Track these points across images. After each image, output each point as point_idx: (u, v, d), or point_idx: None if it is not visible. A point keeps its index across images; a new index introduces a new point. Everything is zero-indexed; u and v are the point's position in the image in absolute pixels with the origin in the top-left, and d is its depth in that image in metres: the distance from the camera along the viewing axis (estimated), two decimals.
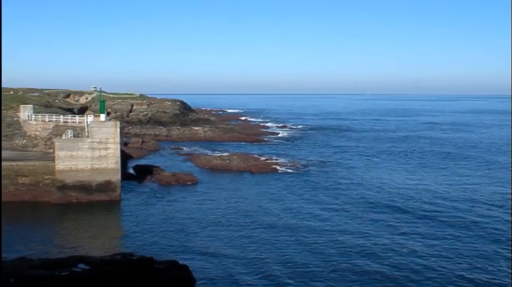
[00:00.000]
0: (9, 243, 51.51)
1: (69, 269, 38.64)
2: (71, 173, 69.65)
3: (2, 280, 34.90)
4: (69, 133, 75.46)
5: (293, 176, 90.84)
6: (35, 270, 38.04)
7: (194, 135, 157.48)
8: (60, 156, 69.81)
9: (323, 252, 49.91)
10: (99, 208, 67.00)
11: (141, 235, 55.02)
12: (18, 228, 58.15)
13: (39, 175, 70.86)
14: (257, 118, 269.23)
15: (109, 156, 70.47)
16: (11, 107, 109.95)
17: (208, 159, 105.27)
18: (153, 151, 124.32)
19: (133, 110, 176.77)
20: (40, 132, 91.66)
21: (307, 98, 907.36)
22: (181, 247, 50.89)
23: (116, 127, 71.45)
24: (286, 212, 65.58)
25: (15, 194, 69.40)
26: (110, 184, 70.16)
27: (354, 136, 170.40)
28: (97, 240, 54.76)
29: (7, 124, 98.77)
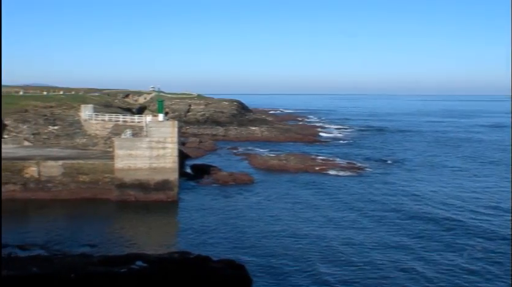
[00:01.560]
0: (69, 239, 52.71)
1: (127, 266, 39.26)
2: (130, 171, 70.65)
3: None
4: (128, 133, 76.55)
5: (350, 178, 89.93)
6: (94, 267, 38.76)
7: (251, 135, 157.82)
8: (120, 155, 70.89)
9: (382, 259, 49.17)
10: (156, 206, 67.71)
11: (197, 234, 55.35)
12: (78, 225, 59.40)
13: (99, 174, 72.16)
14: (314, 118, 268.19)
15: (167, 155, 71.16)
16: (72, 107, 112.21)
17: (265, 159, 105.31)
18: (210, 151, 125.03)
19: (190, 109, 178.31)
20: (99, 131, 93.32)
21: (365, 98, 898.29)
22: (238, 246, 50.96)
23: (174, 126, 72.11)
24: (342, 214, 65.01)
25: (75, 192, 70.94)
26: (168, 183, 70.84)
27: (413, 138, 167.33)
28: (154, 238, 55.40)
29: (68, 123, 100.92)
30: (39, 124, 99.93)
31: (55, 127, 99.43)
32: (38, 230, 57.12)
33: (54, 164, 72.76)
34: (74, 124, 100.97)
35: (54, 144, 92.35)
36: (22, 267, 38.57)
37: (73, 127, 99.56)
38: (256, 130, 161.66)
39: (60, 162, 72.92)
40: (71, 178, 71.96)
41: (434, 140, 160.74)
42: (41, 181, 71.92)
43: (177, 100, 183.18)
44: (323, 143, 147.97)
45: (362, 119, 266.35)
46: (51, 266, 39.12)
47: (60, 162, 73.08)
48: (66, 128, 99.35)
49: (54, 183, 71.83)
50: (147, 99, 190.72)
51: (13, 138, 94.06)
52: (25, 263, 40.30)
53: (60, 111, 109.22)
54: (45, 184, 71.84)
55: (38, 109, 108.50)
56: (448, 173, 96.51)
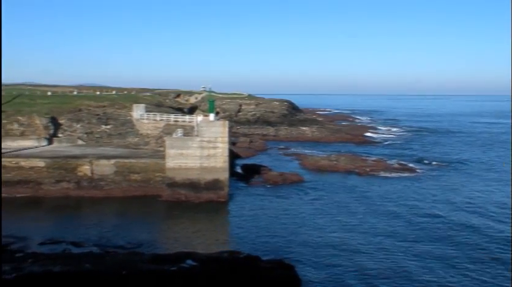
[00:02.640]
0: (121, 237, 53.35)
1: (177, 265, 39.55)
2: (181, 171, 71.14)
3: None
4: (179, 132, 77.11)
5: (401, 180, 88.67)
6: (145, 264, 39.15)
7: (301, 135, 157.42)
8: (171, 154, 71.45)
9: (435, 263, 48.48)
10: (207, 206, 68.01)
11: (247, 234, 55.42)
12: (129, 223, 60.12)
13: (150, 172, 72.95)
14: (365, 119, 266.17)
15: (217, 155, 71.43)
16: (124, 106, 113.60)
17: (315, 159, 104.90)
18: (261, 151, 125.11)
19: (241, 109, 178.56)
20: (151, 130, 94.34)
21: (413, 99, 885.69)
22: (287, 247, 50.82)
23: (224, 126, 72.36)
24: (395, 216, 64.20)
25: (127, 190, 71.91)
26: (218, 182, 71.11)
27: (467, 139, 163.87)
28: (204, 237, 55.57)
29: (120, 123, 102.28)
30: (92, 123, 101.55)
31: (108, 126, 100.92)
32: (90, 227, 58.02)
33: (107, 162, 73.84)
34: (126, 123, 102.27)
35: (106, 143, 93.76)
36: (76, 263, 39.21)
37: (125, 127, 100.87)
38: (307, 130, 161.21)
39: (112, 161, 73.96)
40: (123, 176, 72.98)
41: (489, 142, 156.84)
42: (94, 180, 73.11)
43: (228, 100, 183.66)
44: (374, 144, 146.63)
45: (413, 120, 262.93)
46: (103, 263, 39.69)
47: (112, 160, 74.13)
48: (118, 127, 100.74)
49: (107, 181, 72.93)
50: (198, 98, 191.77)
51: (67, 137, 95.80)
52: (78, 259, 40.98)
53: (112, 110, 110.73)
54: (98, 182, 72.99)
55: (92, 109, 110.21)
56: (507, 177, 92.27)
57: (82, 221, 62.24)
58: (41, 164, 74.16)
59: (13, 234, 53.17)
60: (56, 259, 41.33)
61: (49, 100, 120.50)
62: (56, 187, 72.86)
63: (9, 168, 74.03)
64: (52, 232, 54.87)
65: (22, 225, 57.98)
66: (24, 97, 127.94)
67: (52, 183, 73.15)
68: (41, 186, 73.05)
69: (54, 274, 36.65)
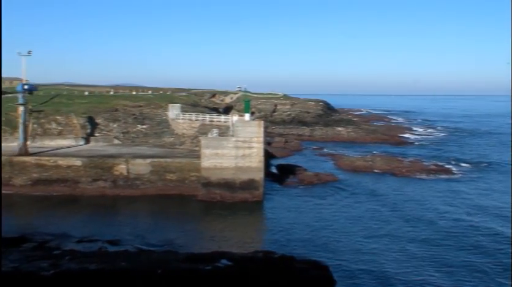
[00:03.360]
0: (156, 236, 53.69)
1: (212, 264, 39.58)
2: (216, 171, 71.30)
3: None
4: (214, 132, 77.31)
5: (438, 181, 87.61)
6: (180, 263, 39.28)
7: (337, 135, 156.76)
8: (206, 154, 71.65)
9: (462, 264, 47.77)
10: (242, 205, 68.07)
11: (282, 234, 55.30)
12: (164, 222, 60.60)
13: (185, 172, 73.25)
14: (401, 119, 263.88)
15: (253, 155, 71.43)
16: (160, 106, 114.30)
17: (351, 160, 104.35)
18: (296, 151, 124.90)
19: (276, 109, 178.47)
20: (187, 130, 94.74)
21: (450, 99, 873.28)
22: (322, 247, 50.62)
23: (260, 126, 72.33)
24: (428, 221, 62.94)
25: (162, 189, 72.36)
26: (253, 182, 71.10)
27: (506, 140, 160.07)
28: (239, 237, 55.62)
29: (156, 122, 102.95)
30: (128, 123, 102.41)
31: (143, 126, 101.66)
32: (126, 226, 58.53)
33: (143, 162, 74.36)
34: (162, 123, 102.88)
35: (142, 142, 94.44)
36: (111, 262, 39.53)
37: (161, 126, 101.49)
38: (342, 130, 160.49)
39: (148, 160, 74.47)
40: (159, 176, 73.42)
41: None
42: (129, 179, 73.71)
43: (263, 100, 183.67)
44: (410, 145, 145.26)
45: (449, 120, 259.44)
46: (138, 261, 39.95)
47: (148, 160, 74.63)
48: (154, 127, 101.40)
49: (142, 180, 73.46)
50: (233, 98, 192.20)
51: (104, 137, 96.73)
52: (114, 257, 41.31)
53: (148, 110, 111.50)
54: (133, 181, 73.57)
55: (128, 108, 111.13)
56: None
57: (118, 219, 62.84)
58: (79, 163, 75.02)
59: (51, 232, 53.91)
60: (92, 256, 41.73)
61: (87, 100, 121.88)
62: (93, 186, 73.64)
63: (47, 167, 75.11)
64: (88, 230, 55.42)
65: (60, 223, 58.78)
66: (62, 97, 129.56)
67: (89, 181, 73.97)
68: (78, 184, 73.93)
69: (91, 272, 36.99)
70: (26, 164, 75.83)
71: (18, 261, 39.05)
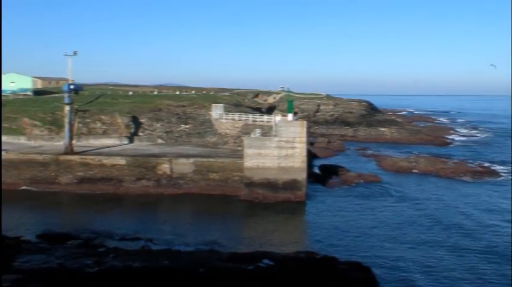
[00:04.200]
0: (199, 235, 53.98)
1: (254, 264, 39.58)
2: (259, 170, 71.33)
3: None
4: (257, 132, 77.35)
5: (484, 183, 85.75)
6: (222, 262, 39.36)
7: (380, 136, 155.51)
8: (249, 153, 71.73)
9: None
10: (284, 205, 67.95)
11: (324, 234, 55.07)
12: (207, 221, 60.88)
13: (228, 172, 73.43)
14: (445, 120, 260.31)
15: (295, 155, 71.25)
16: (203, 106, 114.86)
17: (394, 161, 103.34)
18: (339, 151, 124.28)
19: (319, 110, 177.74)
20: (229, 130, 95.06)
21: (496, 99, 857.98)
22: (364, 248, 50.25)
23: (303, 126, 72.12)
24: (472, 225, 61.40)
25: (205, 189, 72.68)
26: (296, 182, 70.91)
27: None
28: (281, 237, 55.56)
29: (199, 122, 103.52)
30: (172, 122, 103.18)
31: (187, 125, 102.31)
32: (169, 225, 58.99)
33: (186, 161, 74.80)
34: (205, 123, 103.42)
35: (185, 142, 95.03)
36: (154, 260, 39.83)
37: (204, 126, 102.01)
38: (386, 131, 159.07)
39: (191, 160, 74.87)
40: (202, 175, 73.75)
41: None
42: (173, 178, 74.21)
43: (306, 100, 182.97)
44: (455, 146, 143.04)
45: (494, 121, 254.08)
46: (180, 260, 40.15)
47: (191, 159, 75.04)
48: (197, 127, 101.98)
49: (185, 179, 73.88)
50: (276, 98, 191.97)
51: (148, 136, 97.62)
52: (157, 256, 41.61)
53: (191, 110, 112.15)
54: (177, 180, 74.05)
55: (171, 108, 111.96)
56: None
57: (161, 218, 63.41)
58: (123, 162, 75.84)
59: (95, 229, 54.60)
60: (135, 255, 42.10)
61: (131, 100, 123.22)
62: (136, 185, 74.36)
63: (92, 166, 76.13)
64: (132, 229, 56.01)
65: (104, 221, 59.53)
66: (107, 96, 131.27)
67: (132, 180, 74.72)
68: (122, 183, 74.76)
69: (134, 270, 37.33)
70: (71, 162, 77.00)
71: (63, 258, 39.62)
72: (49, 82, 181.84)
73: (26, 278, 28.40)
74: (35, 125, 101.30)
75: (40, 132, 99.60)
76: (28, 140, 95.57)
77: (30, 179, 76.69)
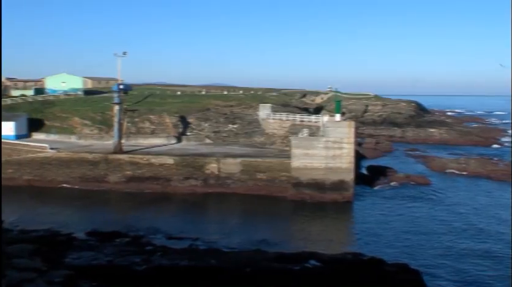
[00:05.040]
0: (246, 234, 54.05)
1: (301, 264, 39.51)
2: (306, 171, 71.12)
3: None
4: (305, 132, 77.13)
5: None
6: (269, 262, 39.38)
7: (429, 137, 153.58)
8: (296, 154, 71.59)
9: None
10: (331, 206, 67.64)
11: (371, 236, 54.59)
12: (254, 221, 61.03)
13: (275, 172, 73.38)
14: (496, 120, 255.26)
15: (343, 156, 70.85)
16: (251, 106, 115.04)
17: (443, 162, 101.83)
18: (387, 152, 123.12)
19: (367, 110, 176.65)
20: (277, 130, 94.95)
21: None
22: (412, 251, 49.61)
23: (350, 127, 71.68)
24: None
25: (252, 189, 72.77)
26: (343, 183, 70.52)
27: None
28: (328, 237, 55.25)
29: (247, 122, 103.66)
30: (219, 122, 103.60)
31: (234, 125, 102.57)
32: (216, 224, 59.33)
33: (233, 161, 75.03)
34: (252, 122, 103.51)
35: (233, 142, 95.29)
36: (201, 259, 40.08)
37: (251, 126, 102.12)
38: (435, 132, 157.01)
39: (238, 160, 75.07)
40: (249, 175, 73.86)
41: None
42: (220, 178, 74.53)
43: (354, 101, 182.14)
44: (507, 147, 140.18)
45: None
46: (227, 259, 40.32)
47: (238, 159, 75.24)
48: (245, 127, 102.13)
49: (233, 179, 74.11)
50: (324, 99, 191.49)
51: (195, 136, 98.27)
52: (204, 255, 41.87)
53: (239, 110, 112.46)
54: (224, 180, 74.35)
55: (219, 108, 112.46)
56: None
57: (208, 217, 63.81)
58: (171, 162, 76.46)
59: (143, 228, 55.14)
60: (182, 253, 42.44)
61: (179, 100, 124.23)
62: (184, 184, 74.89)
63: (140, 165, 76.98)
64: (179, 227, 56.39)
65: (152, 220, 60.05)
66: (155, 96, 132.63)
67: (180, 179, 75.28)
68: (169, 182, 75.40)
69: (181, 268, 37.62)
70: (120, 161, 78.01)
71: (112, 255, 40.20)
72: (99, 82, 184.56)
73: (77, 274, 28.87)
74: (86, 124, 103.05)
75: (90, 131, 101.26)
76: (78, 139, 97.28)
77: (80, 177, 77.93)
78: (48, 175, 78.72)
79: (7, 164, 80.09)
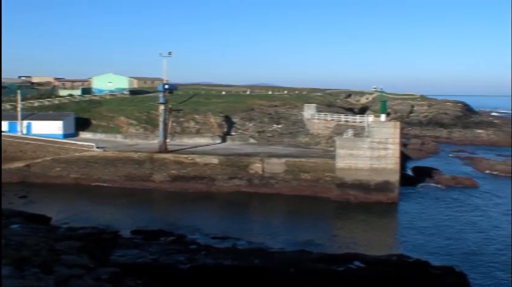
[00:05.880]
0: (289, 234, 54.01)
1: (345, 265, 39.20)
2: (351, 171, 70.75)
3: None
4: (349, 133, 76.75)
5: None
6: (313, 263, 39.19)
7: (476, 138, 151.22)
8: (341, 154, 71.28)
9: None
10: (376, 207, 67.13)
11: (416, 238, 54.02)
12: (298, 221, 60.86)
13: (320, 172, 73.14)
14: None
15: (388, 157, 70.29)
16: (295, 106, 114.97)
17: (491, 164, 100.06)
18: (432, 153, 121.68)
19: (413, 110, 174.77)
20: (322, 130, 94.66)
21: None
22: (458, 253, 48.90)
23: (396, 127, 71.09)
24: None
25: (296, 189, 72.65)
26: (388, 184, 69.94)
27: None
28: (372, 238, 54.88)
29: (291, 122, 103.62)
30: (264, 122, 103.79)
31: (279, 125, 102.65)
32: (260, 224, 59.39)
33: (278, 161, 75.01)
34: (297, 123, 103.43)
35: (277, 142, 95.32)
36: (245, 258, 40.08)
37: (296, 126, 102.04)
38: (482, 133, 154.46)
39: (283, 160, 75.03)
40: (293, 175, 73.76)
41: None
42: (264, 177, 74.56)
43: (399, 101, 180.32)
44: None
45: None
46: (271, 259, 40.23)
47: (283, 159, 75.20)
48: (289, 127, 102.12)
49: (277, 179, 74.09)
50: (369, 99, 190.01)
51: (240, 135, 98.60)
52: (247, 254, 41.87)
53: (284, 110, 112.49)
54: (268, 180, 74.38)
55: (264, 108, 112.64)
56: None
57: (252, 217, 63.89)
58: (215, 161, 76.82)
59: (188, 227, 55.55)
60: (226, 252, 42.51)
61: (224, 100, 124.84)
62: (228, 184, 75.14)
63: (185, 164, 77.52)
64: (223, 227, 56.64)
65: (196, 219, 60.52)
66: (200, 96, 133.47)
67: (224, 179, 75.55)
68: (214, 182, 75.73)
69: (225, 267, 37.69)
70: (165, 160, 78.68)
71: (157, 253, 40.46)
72: (145, 82, 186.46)
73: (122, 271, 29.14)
74: (131, 124, 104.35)
75: (136, 131, 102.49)
76: (124, 138, 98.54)
77: (125, 176, 78.83)
78: (94, 174, 79.87)
79: (55, 162, 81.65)
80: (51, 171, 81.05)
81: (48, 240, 33.88)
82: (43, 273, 22.12)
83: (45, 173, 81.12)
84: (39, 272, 22.15)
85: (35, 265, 23.20)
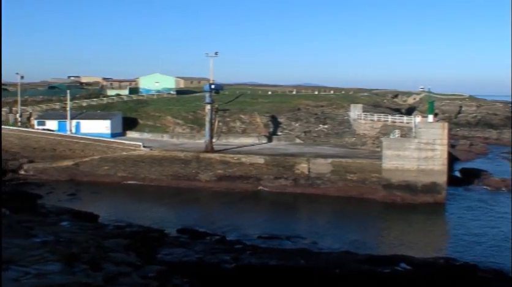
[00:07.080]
0: (335, 235, 53.80)
1: (391, 267, 38.93)
2: (397, 172, 70.12)
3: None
4: (396, 133, 76.07)
5: None
6: (359, 264, 39.02)
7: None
8: (387, 155, 70.69)
9: None
10: (422, 209, 66.34)
11: (464, 240, 53.14)
12: (344, 222, 60.70)
13: (366, 173, 72.63)
14: None
15: (436, 158, 69.44)
16: (342, 106, 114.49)
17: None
18: (481, 155, 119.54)
19: (461, 111, 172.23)
20: (368, 131, 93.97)
21: None
22: (507, 258, 47.96)
23: (443, 128, 70.20)
24: None
25: (342, 189, 72.27)
26: (435, 185, 69.10)
27: None
28: (419, 241, 54.28)
29: (338, 122, 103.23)
30: (310, 122, 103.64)
31: (325, 125, 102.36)
32: (305, 224, 59.31)
33: (323, 161, 74.75)
34: (343, 123, 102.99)
35: (323, 142, 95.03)
36: (290, 259, 40.10)
37: (342, 126, 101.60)
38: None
39: (329, 160, 74.74)
40: (339, 176, 73.39)
41: None
42: (310, 178, 74.38)
43: (447, 101, 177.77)
44: None
45: None
46: (317, 260, 40.19)
47: (329, 159, 74.91)
48: (335, 127, 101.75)
49: (323, 179, 73.81)
50: (416, 99, 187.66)
51: (286, 135, 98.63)
52: (293, 255, 41.88)
53: (330, 110, 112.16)
54: (314, 180, 74.15)
55: (310, 108, 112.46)
56: None
57: (298, 217, 63.84)
58: (261, 161, 76.91)
59: (233, 226, 55.77)
60: (271, 252, 42.59)
61: (270, 100, 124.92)
62: (274, 184, 75.13)
63: (231, 164, 77.80)
64: (269, 227, 56.67)
65: (242, 219, 60.74)
66: (246, 96, 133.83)
67: (270, 179, 75.55)
68: (260, 181, 75.78)
69: (270, 267, 37.76)
70: (211, 160, 79.09)
71: (203, 253, 40.77)
72: (191, 82, 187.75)
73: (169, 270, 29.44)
74: (178, 123, 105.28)
75: (182, 130, 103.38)
76: (171, 137, 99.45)
77: (172, 175, 79.46)
78: (141, 173, 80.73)
79: (103, 161, 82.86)
80: (99, 169, 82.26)
81: (96, 238, 34.50)
82: (92, 269, 22.56)
83: (93, 172, 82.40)
84: (88, 269, 22.59)
85: (84, 261, 23.66)
